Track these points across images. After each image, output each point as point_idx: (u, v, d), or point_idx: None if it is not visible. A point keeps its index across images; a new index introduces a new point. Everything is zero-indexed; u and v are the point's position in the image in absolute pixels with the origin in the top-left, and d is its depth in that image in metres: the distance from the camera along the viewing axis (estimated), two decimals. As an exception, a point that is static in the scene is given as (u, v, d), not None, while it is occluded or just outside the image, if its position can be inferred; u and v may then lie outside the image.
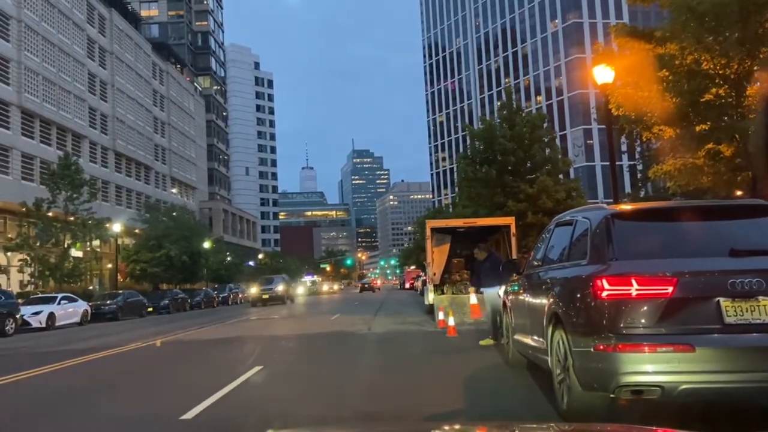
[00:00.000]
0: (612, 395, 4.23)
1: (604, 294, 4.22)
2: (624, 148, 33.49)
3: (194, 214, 58.16)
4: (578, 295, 4.57)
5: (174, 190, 62.23)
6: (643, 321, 4.12)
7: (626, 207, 5.11)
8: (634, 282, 4.14)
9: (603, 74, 12.48)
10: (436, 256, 17.08)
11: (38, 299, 24.10)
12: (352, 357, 9.57)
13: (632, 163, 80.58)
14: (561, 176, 25.31)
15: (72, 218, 29.42)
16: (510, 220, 16.50)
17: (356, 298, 41.69)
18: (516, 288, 7.04)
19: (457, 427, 3.86)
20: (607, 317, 4.21)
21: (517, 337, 6.89)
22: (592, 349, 4.26)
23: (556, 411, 4.93)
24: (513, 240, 16.16)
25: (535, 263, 6.57)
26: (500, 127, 24.16)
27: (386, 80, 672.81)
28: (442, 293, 17.27)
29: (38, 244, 27.84)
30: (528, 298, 6.28)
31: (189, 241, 42.57)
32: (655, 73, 11.26)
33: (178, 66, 69.55)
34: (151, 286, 40.22)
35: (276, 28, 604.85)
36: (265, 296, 33.58)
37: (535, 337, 5.88)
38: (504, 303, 7.84)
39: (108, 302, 27.93)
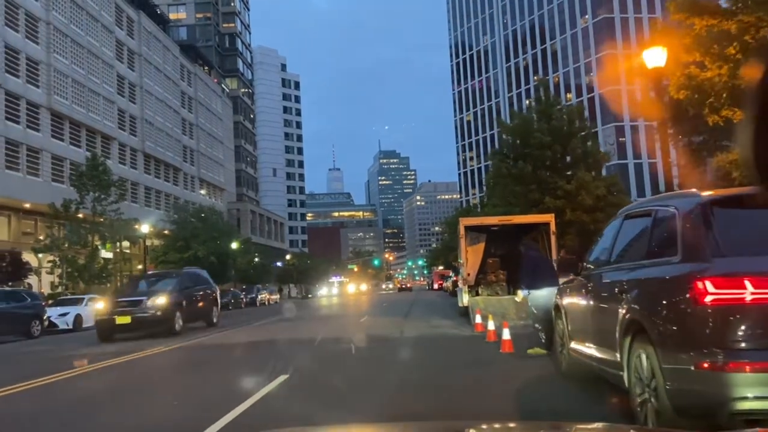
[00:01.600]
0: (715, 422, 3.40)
1: (709, 299, 3.38)
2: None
3: (222, 215, 58.12)
4: (669, 301, 3.74)
5: (202, 192, 62.38)
6: (761, 332, 3.28)
7: (724, 192, 4.24)
8: (748, 284, 3.30)
9: (655, 57, 11.49)
10: (471, 255, 16.23)
11: (65, 300, 23.93)
12: (384, 366, 8.80)
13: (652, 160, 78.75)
14: (595, 172, 24.07)
15: (101, 219, 29.36)
16: (549, 218, 15.58)
17: (384, 299, 40.99)
18: (574, 290, 6.20)
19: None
20: (712, 328, 3.38)
21: (575, 345, 6.05)
22: (691, 368, 3.43)
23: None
24: (553, 238, 15.25)
25: (598, 262, 5.73)
26: (535, 121, 23.13)
27: (413, 81, 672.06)
28: (477, 295, 16.43)
29: (66, 245, 27.75)
30: (591, 302, 5.43)
31: (217, 241, 42.39)
32: (722, 50, 10.23)
33: (206, 68, 69.77)
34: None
35: (303, 30, 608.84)
36: (122, 320, 16.01)
37: (603, 348, 5.04)
38: (557, 306, 6.99)
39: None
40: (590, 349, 5.44)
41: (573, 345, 6.14)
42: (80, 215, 28.39)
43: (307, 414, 5.58)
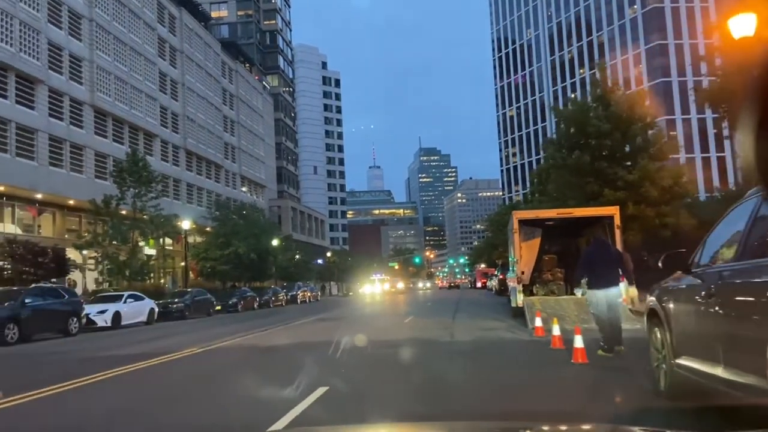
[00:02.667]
0: None
1: None
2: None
3: (263, 212, 57.88)
4: None
5: (244, 189, 62.37)
6: None
7: None
8: None
9: (743, 25, 10.02)
10: (525, 252, 14.94)
11: (104, 297, 23.57)
12: (437, 377, 7.67)
13: (721, 154, 75.07)
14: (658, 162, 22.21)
15: (145, 216, 29.08)
16: (614, 210, 14.14)
17: (427, 298, 39.82)
18: (685, 292, 4.94)
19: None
20: None
21: (685, 362, 4.80)
22: None
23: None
24: (617, 233, 13.83)
25: (720, 257, 4.48)
26: (593, 108, 21.49)
27: (453, 78, 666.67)
28: (532, 294, 15.13)
29: (107, 241, 27.54)
30: (718, 309, 4.18)
31: (258, 238, 41.96)
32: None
33: (247, 65, 69.79)
34: (221, 284, 39.81)
35: (343, 29, 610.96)
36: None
37: (738, 370, 3.81)
38: (653, 312, 5.72)
39: (176, 301, 27.30)
40: (714, 369, 4.19)
41: (681, 361, 4.89)
42: (123, 212, 28.20)
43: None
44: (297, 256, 62.69)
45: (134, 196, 28.02)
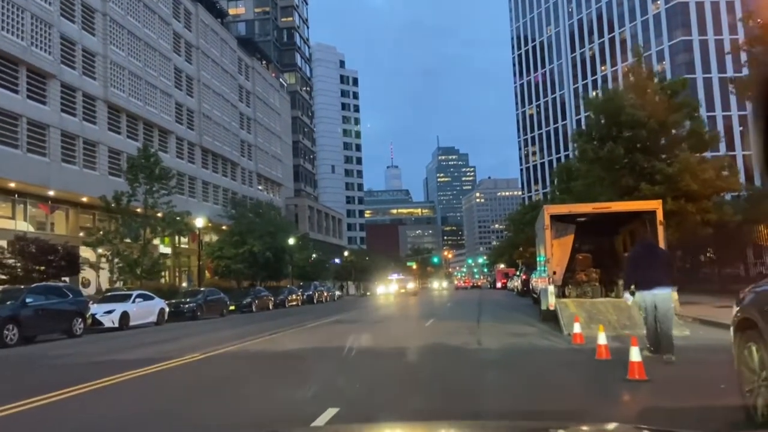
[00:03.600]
0: None
1: None
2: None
3: (280, 210, 57.12)
4: None
5: (260, 187, 61.65)
6: None
7: None
8: None
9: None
10: (557, 250, 13.71)
11: (112, 297, 22.74)
12: (467, 395, 6.52)
13: (747, 152, 72.85)
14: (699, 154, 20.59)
15: (158, 213, 28.27)
16: (656, 204, 12.84)
17: (447, 299, 38.63)
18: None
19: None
20: None
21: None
22: None
23: None
24: (660, 229, 12.53)
25: None
26: (628, 97, 19.99)
27: (471, 78, 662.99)
28: (563, 296, 13.91)
29: (118, 239, 26.76)
30: None
31: (273, 237, 41.11)
32: None
33: (264, 62, 69.07)
34: (236, 283, 39.00)
35: (361, 29, 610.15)
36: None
37: None
38: (747, 321, 4.52)
39: (188, 300, 26.44)
40: None
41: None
42: (138, 209, 27.36)
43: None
44: (314, 256, 61.93)
45: (146, 193, 27.18)
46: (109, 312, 20.68)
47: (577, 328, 10.38)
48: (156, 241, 40.60)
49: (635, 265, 8.07)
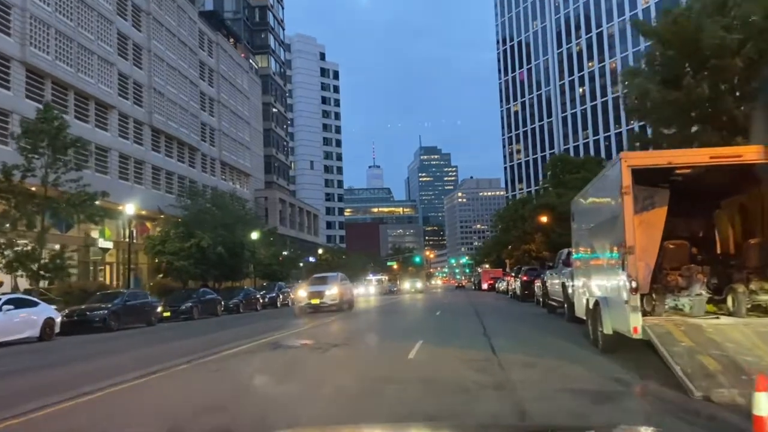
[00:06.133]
0: None
1: None
2: None
3: (244, 201, 50.93)
4: None
5: (224, 176, 55.27)
6: None
7: None
8: None
9: None
10: (640, 233, 7.87)
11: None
12: None
13: None
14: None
15: (71, 192, 21.82)
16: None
17: (434, 304, 32.75)
18: None
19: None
20: None
21: None
22: None
23: None
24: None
25: None
26: (706, 16, 14.12)
27: (456, 79, 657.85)
28: (651, 312, 8.11)
29: (8, 226, 20.37)
30: None
31: (230, 230, 34.94)
32: None
33: (231, 39, 62.65)
34: (186, 284, 32.71)
35: (344, 29, 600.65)
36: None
37: None
38: None
39: (98, 307, 20.21)
40: None
41: None
42: (32, 187, 20.94)
43: None
44: (285, 253, 55.84)
45: (46, 167, 20.81)
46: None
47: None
48: (95, 234, 34.46)
49: None
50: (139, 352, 12.63)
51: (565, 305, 15.00)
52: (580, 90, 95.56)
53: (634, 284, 7.37)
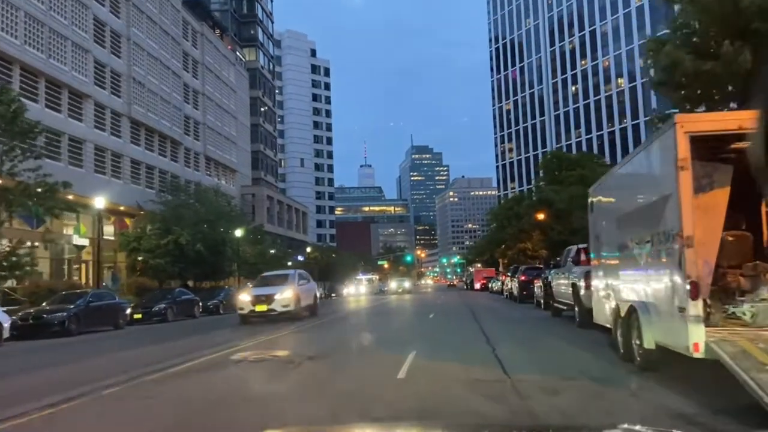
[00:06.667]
0: None
1: None
2: None
3: (229, 197, 49.02)
4: None
5: (209, 171, 53.23)
6: None
7: None
8: None
9: None
10: (701, 219, 6.10)
11: None
12: None
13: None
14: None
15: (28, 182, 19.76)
16: None
17: (425, 306, 30.99)
18: None
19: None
20: None
21: None
22: None
23: None
24: None
25: None
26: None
27: (447, 79, 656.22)
28: (707, 321, 6.32)
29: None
30: None
31: (212, 226, 33.01)
32: None
33: (218, 31, 60.62)
34: (159, 283, 30.73)
35: (338, 28, 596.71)
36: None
37: None
38: None
39: (55, 309, 18.27)
40: None
41: None
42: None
43: None
44: (272, 251, 53.90)
45: (1, 154, 18.82)
46: None
47: None
48: (69, 230, 32.46)
49: None
50: (82, 364, 10.77)
51: (576, 309, 13.27)
52: (573, 88, 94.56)
53: (695, 287, 5.60)
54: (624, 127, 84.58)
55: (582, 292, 12.63)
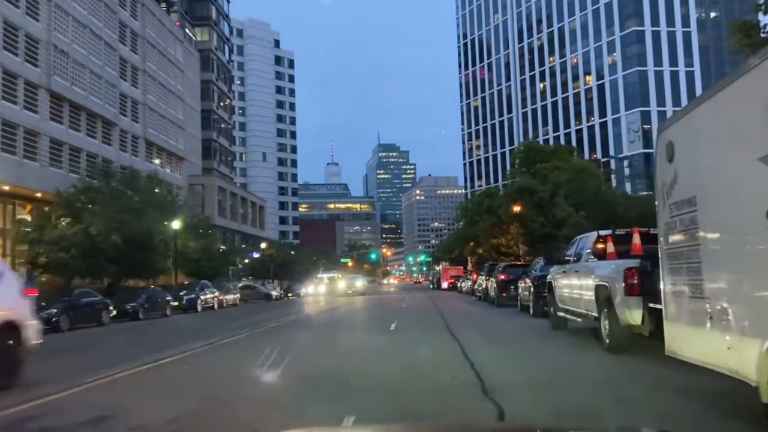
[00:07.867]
0: None
1: None
2: None
3: (172, 186, 43.65)
4: None
5: (150, 158, 47.76)
6: None
7: None
8: None
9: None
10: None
11: None
12: None
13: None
14: None
15: None
16: None
17: (384, 311, 26.54)
18: None
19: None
20: None
21: None
22: None
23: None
24: None
25: None
26: None
27: (415, 79, 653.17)
28: None
29: None
30: None
31: (138, 216, 27.92)
32: None
33: (164, 5, 55.09)
34: (65, 282, 25.47)
35: (305, 25, 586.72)
36: None
37: None
38: None
39: None
40: None
41: None
42: None
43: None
44: (222, 248, 48.93)
45: None
46: None
47: None
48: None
49: None
50: None
51: (605, 325, 8.92)
52: (541, 85, 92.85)
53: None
54: (592, 125, 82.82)
55: (618, 299, 8.31)
